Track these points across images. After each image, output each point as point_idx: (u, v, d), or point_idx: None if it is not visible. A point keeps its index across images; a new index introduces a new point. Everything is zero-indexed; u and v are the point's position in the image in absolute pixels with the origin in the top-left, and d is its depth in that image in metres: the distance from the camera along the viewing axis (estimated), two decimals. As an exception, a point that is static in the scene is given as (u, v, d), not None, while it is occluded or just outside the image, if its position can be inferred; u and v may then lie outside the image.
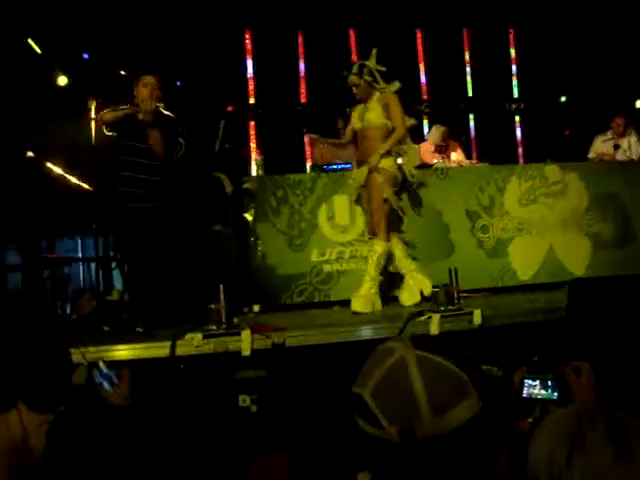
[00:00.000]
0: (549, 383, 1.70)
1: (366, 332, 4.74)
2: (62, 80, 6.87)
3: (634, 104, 9.36)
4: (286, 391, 4.21)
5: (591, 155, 7.65)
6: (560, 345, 4.37)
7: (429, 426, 1.32)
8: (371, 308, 5.40)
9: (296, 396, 4.16)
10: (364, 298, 5.41)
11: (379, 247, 5.51)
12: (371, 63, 5.53)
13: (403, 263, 5.68)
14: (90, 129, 6.04)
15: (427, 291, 5.50)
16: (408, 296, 5.60)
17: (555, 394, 1.69)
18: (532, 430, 1.34)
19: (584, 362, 1.71)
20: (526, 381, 1.71)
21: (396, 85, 5.54)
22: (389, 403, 1.35)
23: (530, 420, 1.64)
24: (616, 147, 7.50)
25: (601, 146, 7.64)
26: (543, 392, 1.70)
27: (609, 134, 7.65)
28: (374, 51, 5.53)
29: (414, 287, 5.61)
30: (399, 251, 5.67)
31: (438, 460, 1.34)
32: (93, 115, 6.08)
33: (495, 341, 4.76)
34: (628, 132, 7.58)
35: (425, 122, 9.42)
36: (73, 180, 6.85)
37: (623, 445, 1.22)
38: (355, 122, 5.64)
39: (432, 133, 7.47)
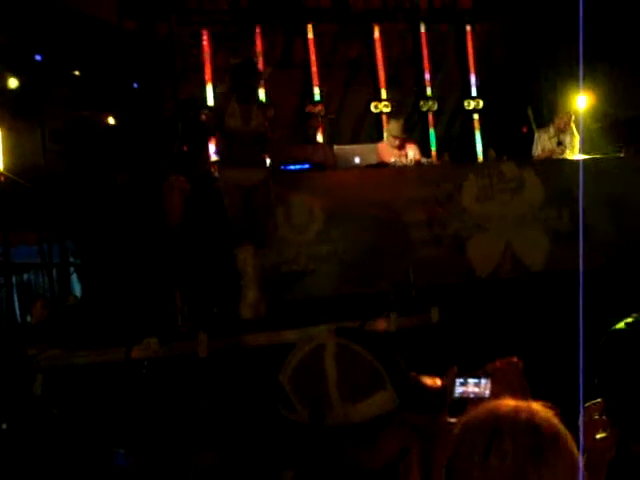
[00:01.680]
0: (480, 381, 1.68)
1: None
2: (13, 82, 6.75)
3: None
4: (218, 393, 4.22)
5: (537, 152, 7.60)
6: (515, 342, 4.43)
7: (340, 412, 1.33)
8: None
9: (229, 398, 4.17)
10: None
11: None
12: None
13: None
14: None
15: None
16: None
17: (487, 392, 1.68)
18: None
19: (512, 357, 1.70)
20: (458, 380, 1.70)
21: None
22: (303, 387, 1.37)
23: (455, 420, 1.62)
24: (559, 143, 7.47)
25: (546, 143, 7.58)
26: (475, 390, 1.68)
27: (551, 130, 7.58)
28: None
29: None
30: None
31: (347, 451, 1.35)
32: None
33: (453, 337, 4.81)
34: (569, 127, 7.57)
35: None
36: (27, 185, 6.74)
37: (537, 448, 1.24)
38: None
39: (391, 126, 7.44)
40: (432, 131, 9.48)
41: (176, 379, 4.33)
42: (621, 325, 1.86)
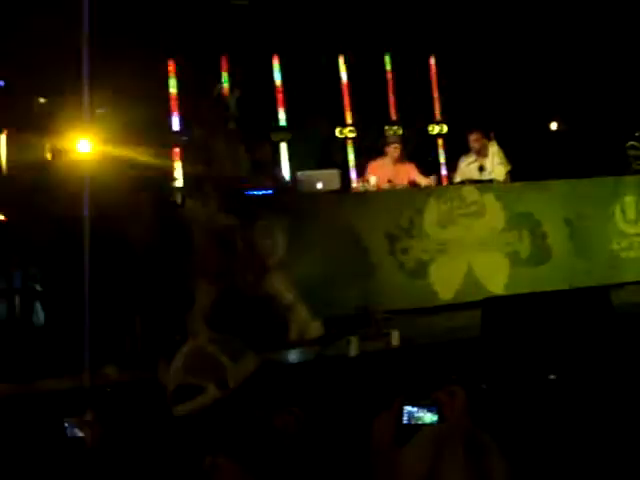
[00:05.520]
0: (428, 408, 1.73)
1: (285, 357, 4.76)
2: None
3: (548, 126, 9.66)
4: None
5: (458, 178, 7.56)
6: (476, 364, 4.48)
7: (234, 372, 1.75)
8: None
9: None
10: None
11: None
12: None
13: None
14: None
15: None
16: None
17: (435, 418, 1.72)
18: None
19: (457, 386, 1.76)
20: (405, 407, 1.74)
21: None
22: (199, 369, 1.75)
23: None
24: (481, 169, 7.40)
25: (466, 170, 7.54)
26: (423, 417, 1.73)
27: (473, 155, 7.54)
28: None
29: None
30: None
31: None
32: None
33: (414, 361, 4.85)
34: (491, 149, 7.51)
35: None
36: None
37: (478, 463, 1.30)
38: None
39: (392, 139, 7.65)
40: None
41: (138, 406, 4.31)
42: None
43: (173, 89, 9.09)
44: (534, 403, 3.81)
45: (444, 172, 9.76)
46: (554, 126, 9.68)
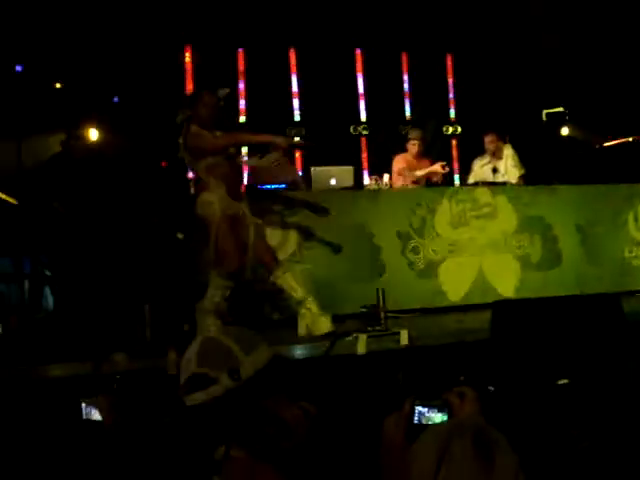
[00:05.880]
0: (439, 409, 1.74)
1: (292, 352, 4.76)
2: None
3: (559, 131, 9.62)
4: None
5: (471, 180, 7.60)
6: (484, 366, 4.47)
7: (247, 364, 1.78)
8: None
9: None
10: None
11: None
12: None
13: None
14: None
15: None
16: None
17: (445, 419, 1.73)
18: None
19: (467, 387, 1.76)
20: (417, 408, 1.75)
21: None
22: (212, 360, 1.79)
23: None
24: (495, 171, 7.45)
25: (480, 171, 7.60)
26: (433, 417, 1.74)
27: (487, 157, 7.58)
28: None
29: None
30: None
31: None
32: None
33: (422, 361, 4.84)
34: (505, 152, 7.53)
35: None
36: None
37: (486, 457, 1.30)
38: None
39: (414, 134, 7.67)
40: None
41: (146, 395, 4.32)
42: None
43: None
44: (541, 408, 3.80)
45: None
46: (565, 131, 9.63)
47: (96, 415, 2.29)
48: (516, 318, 4.78)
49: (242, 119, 9.31)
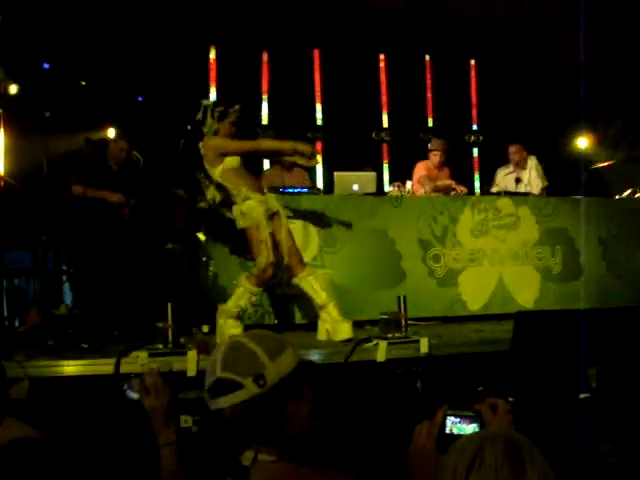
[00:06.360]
0: (470, 419, 1.75)
1: (312, 357, 4.75)
2: (13, 89, 6.78)
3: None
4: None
5: (494, 189, 7.60)
6: (504, 377, 4.44)
7: (272, 369, 1.76)
8: None
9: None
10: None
11: None
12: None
13: None
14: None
15: None
16: None
17: (477, 430, 1.73)
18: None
19: (500, 399, 1.77)
20: (448, 418, 1.76)
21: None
22: (237, 365, 1.77)
23: None
24: (517, 180, 7.49)
25: (503, 180, 7.63)
26: (465, 428, 1.74)
27: (511, 167, 7.62)
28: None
29: None
30: None
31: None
32: None
33: (441, 370, 4.82)
34: (529, 163, 7.56)
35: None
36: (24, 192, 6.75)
37: (517, 463, 1.34)
38: None
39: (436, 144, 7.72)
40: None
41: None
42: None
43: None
44: (565, 420, 3.77)
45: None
46: (583, 143, 9.57)
47: (134, 395, 2.31)
48: (538, 329, 4.76)
49: (264, 121, 9.33)
